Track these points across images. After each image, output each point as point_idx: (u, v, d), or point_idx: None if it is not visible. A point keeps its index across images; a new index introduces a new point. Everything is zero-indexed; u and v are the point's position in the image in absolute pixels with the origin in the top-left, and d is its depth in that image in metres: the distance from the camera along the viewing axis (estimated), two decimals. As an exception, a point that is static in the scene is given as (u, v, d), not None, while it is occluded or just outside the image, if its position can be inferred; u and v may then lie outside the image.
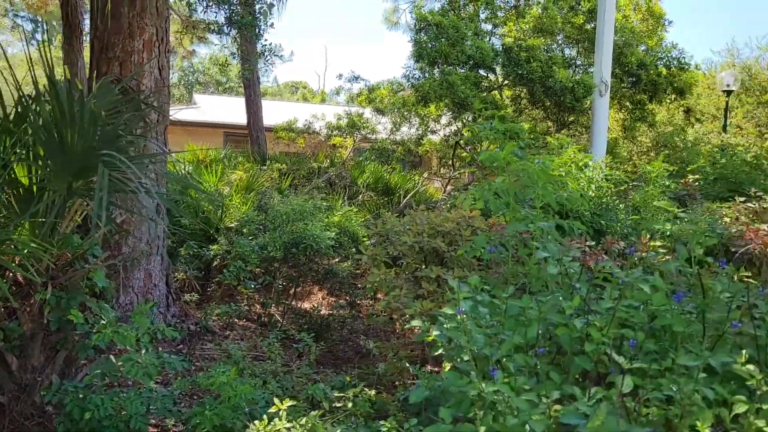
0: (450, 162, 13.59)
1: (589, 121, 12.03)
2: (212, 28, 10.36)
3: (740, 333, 2.17)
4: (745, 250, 4.80)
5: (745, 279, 4.16)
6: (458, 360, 2.10)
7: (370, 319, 5.72)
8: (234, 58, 13.26)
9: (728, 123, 15.68)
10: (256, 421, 2.78)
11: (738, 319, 2.17)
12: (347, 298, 6.91)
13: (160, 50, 5.49)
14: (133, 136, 4.15)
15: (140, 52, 5.33)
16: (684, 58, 13.16)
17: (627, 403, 1.80)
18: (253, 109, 15.64)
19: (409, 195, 12.05)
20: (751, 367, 1.91)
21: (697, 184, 8.34)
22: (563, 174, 5.89)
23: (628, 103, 13.80)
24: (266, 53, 11.48)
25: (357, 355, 5.72)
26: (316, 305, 6.97)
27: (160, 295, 5.64)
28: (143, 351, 3.49)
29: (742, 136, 15.51)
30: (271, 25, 10.16)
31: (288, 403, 3.02)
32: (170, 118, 5.86)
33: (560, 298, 2.26)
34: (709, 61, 27.25)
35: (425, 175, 13.93)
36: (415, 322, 2.75)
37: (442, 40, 11.00)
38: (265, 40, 10.54)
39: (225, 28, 9.86)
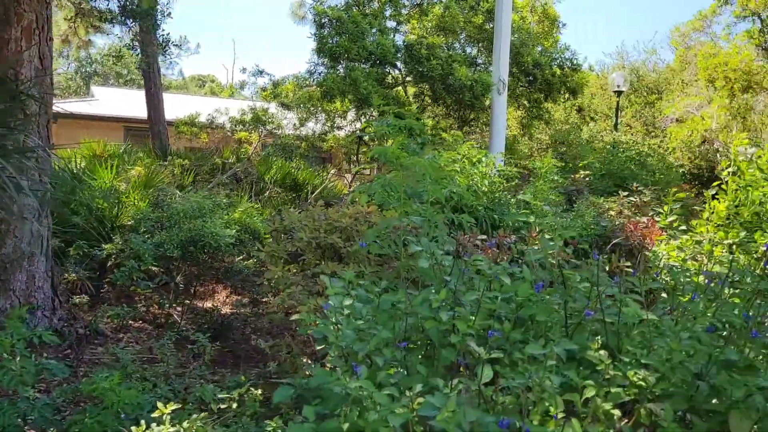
0: (355, 158, 13.66)
1: (489, 119, 12.41)
2: (105, 17, 9.83)
3: (598, 320, 2.32)
4: (621, 241, 5.12)
5: (624, 269, 4.44)
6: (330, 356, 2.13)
7: (269, 316, 5.66)
8: (134, 50, 12.64)
9: (619, 122, 16.67)
10: (133, 427, 2.69)
11: (594, 308, 2.33)
12: (249, 296, 6.81)
13: (41, 38, 5.19)
14: (6, 129, 3.90)
15: (18, 40, 5.02)
16: (576, 59, 13.84)
17: (486, 393, 1.88)
18: (154, 103, 15.02)
19: (317, 191, 12.00)
20: (602, 352, 2.05)
21: (587, 179, 8.82)
22: (457, 169, 6.04)
23: (525, 102, 14.34)
24: (165, 44, 11.02)
25: (258, 354, 5.63)
26: (217, 304, 6.82)
27: (45, 298, 5.34)
28: (18, 357, 3.31)
29: (632, 134, 16.56)
30: (169, 14, 9.77)
31: (172, 406, 2.93)
32: (66, 111, 5.58)
33: (432, 291, 2.33)
34: (602, 62, 28.81)
35: (333, 171, 13.92)
36: (296, 316, 2.75)
37: (344, 35, 11.01)
38: (163, 30, 10.11)
39: (119, 17, 9.40)
